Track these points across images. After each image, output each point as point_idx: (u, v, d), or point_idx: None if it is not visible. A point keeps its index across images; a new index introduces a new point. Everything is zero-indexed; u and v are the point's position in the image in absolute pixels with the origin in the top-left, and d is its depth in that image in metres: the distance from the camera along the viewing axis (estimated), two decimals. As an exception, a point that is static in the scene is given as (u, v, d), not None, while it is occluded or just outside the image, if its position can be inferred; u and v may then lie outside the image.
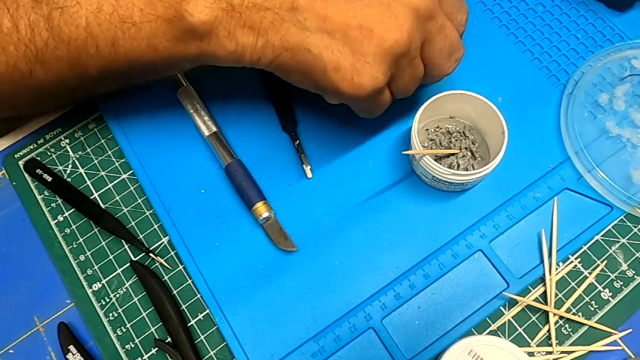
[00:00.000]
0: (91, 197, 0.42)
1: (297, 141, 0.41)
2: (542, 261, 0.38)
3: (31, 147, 0.44)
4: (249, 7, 0.30)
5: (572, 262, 0.38)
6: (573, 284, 0.38)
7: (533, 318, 0.37)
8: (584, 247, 0.39)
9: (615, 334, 0.36)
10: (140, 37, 0.32)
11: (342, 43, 0.30)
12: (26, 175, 0.43)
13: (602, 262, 0.38)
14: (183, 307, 0.38)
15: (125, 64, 0.33)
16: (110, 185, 0.42)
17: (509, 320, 0.37)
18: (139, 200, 0.42)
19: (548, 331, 0.36)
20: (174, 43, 0.32)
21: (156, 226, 0.41)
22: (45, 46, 0.32)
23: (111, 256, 0.40)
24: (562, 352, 0.36)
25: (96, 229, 0.41)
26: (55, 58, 0.33)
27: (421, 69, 0.34)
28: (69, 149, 0.44)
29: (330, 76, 0.31)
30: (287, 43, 0.31)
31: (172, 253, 0.40)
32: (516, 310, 0.37)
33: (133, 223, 0.41)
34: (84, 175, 0.43)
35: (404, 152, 0.37)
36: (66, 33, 0.32)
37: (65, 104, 0.45)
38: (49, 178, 0.41)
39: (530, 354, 0.36)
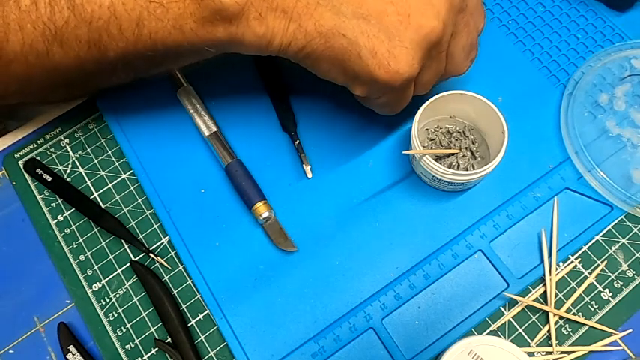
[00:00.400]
0: (91, 197, 0.42)
1: (297, 141, 0.41)
2: (542, 261, 0.38)
3: (31, 147, 0.44)
4: None
5: (572, 262, 0.38)
6: (573, 284, 0.38)
7: (533, 318, 0.37)
8: (584, 247, 0.39)
9: (615, 334, 0.36)
10: (167, 17, 0.30)
11: (378, 29, 0.30)
12: (26, 175, 0.43)
13: (602, 262, 0.38)
14: (183, 307, 0.38)
15: (148, 47, 0.32)
16: (110, 185, 0.42)
17: (509, 320, 0.37)
18: (139, 200, 0.42)
19: (548, 331, 0.36)
20: (202, 25, 0.30)
21: (156, 226, 0.41)
22: (65, 24, 0.31)
23: (111, 256, 0.40)
24: (562, 352, 0.36)
25: (96, 229, 0.41)
26: (74, 37, 0.31)
27: (444, 64, 0.34)
28: (69, 149, 0.44)
29: (366, 62, 0.30)
30: (321, 28, 0.30)
31: (172, 253, 0.40)
32: (516, 310, 0.37)
33: (133, 223, 0.41)
34: (84, 175, 0.43)
35: (404, 152, 0.37)
36: (88, 12, 0.30)
37: (77, 95, 0.44)
38: (49, 178, 0.41)
39: (530, 354, 0.36)
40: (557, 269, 0.38)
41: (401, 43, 0.30)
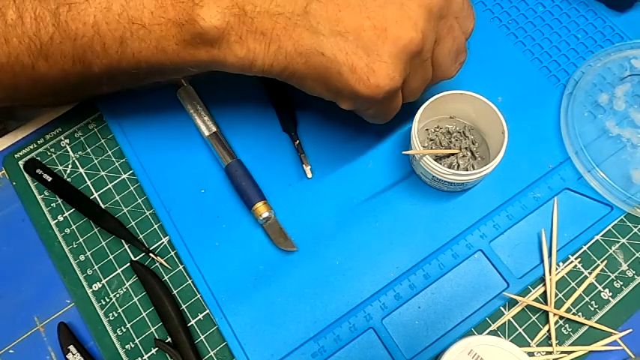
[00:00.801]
0: (91, 197, 0.42)
1: (297, 141, 0.41)
2: (542, 261, 0.38)
3: (31, 147, 0.44)
4: (261, 13, 0.30)
5: (572, 262, 0.38)
6: (573, 284, 0.38)
7: (533, 318, 0.37)
8: (584, 247, 0.39)
9: (615, 334, 0.36)
10: (149, 39, 0.31)
11: (356, 45, 0.30)
12: (26, 175, 0.43)
13: (602, 262, 0.38)
14: (183, 307, 0.38)
15: (132, 65, 0.33)
16: (110, 185, 0.42)
17: (509, 320, 0.37)
18: (139, 200, 0.42)
19: (548, 331, 0.36)
20: (184, 47, 0.31)
21: (156, 226, 0.41)
22: (50, 40, 0.32)
23: (111, 256, 0.40)
24: (562, 352, 0.36)
25: (96, 229, 0.41)
26: (59, 53, 0.32)
27: (430, 71, 0.34)
28: (69, 149, 0.44)
29: (346, 79, 0.30)
30: (300, 48, 0.30)
31: (172, 253, 0.40)
32: (516, 310, 0.37)
33: (133, 223, 0.41)
34: (84, 175, 0.43)
35: (404, 152, 0.37)
36: (72, 29, 0.31)
37: (66, 102, 0.45)
38: (49, 178, 0.41)
39: (530, 354, 0.36)
40: (557, 269, 0.38)
41: (379, 58, 0.30)
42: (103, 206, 0.41)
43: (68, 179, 0.42)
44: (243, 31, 0.30)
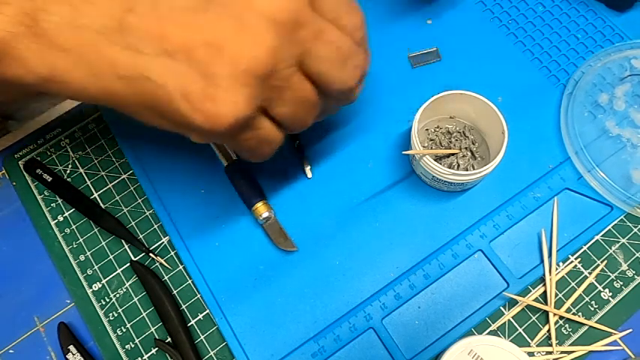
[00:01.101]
0: (91, 197, 0.42)
1: (297, 141, 0.41)
2: (542, 261, 0.38)
3: (31, 147, 0.44)
4: (60, 25, 0.24)
5: (572, 262, 0.38)
6: (573, 284, 0.38)
7: (533, 318, 0.37)
8: (584, 247, 0.39)
9: (615, 334, 0.36)
10: None
11: (187, 66, 0.24)
12: (26, 175, 0.43)
13: (602, 262, 0.38)
14: (183, 307, 0.38)
15: None
16: (110, 185, 0.42)
17: (509, 320, 0.37)
18: (139, 200, 0.42)
19: (548, 331, 0.36)
20: None
21: (156, 226, 0.41)
22: None
23: (111, 256, 0.40)
24: (562, 352, 0.36)
25: (96, 229, 0.41)
26: None
27: (307, 89, 0.28)
28: (69, 149, 0.44)
29: (178, 107, 0.24)
30: (119, 71, 0.24)
31: (172, 253, 0.40)
32: (516, 310, 0.37)
33: (133, 223, 0.41)
34: (84, 175, 0.43)
35: (404, 152, 0.37)
36: None
37: None
38: (49, 178, 0.41)
39: (530, 354, 0.36)
40: (557, 269, 0.38)
41: (216, 81, 0.24)
42: (103, 206, 0.41)
43: (68, 179, 0.42)
44: (37, 46, 0.24)
